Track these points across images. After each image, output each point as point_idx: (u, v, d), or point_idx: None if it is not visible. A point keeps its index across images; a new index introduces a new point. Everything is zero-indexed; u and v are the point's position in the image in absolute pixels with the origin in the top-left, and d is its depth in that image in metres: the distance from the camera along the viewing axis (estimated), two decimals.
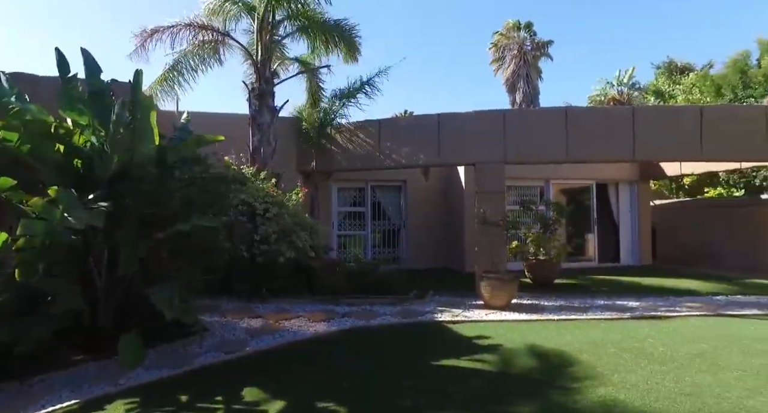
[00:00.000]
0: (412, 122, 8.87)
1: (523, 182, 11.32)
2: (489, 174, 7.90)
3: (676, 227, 12.57)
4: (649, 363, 3.99)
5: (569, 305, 6.76)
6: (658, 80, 20.67)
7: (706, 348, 4.42)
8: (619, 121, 8.01)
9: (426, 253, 11.52)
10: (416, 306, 6.65)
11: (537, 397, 3.31)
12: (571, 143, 7.87)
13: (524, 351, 4.42)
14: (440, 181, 11.96)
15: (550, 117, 8.24)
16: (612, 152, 8.10)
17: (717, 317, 5.97)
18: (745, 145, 8.01)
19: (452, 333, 5.29)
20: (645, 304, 6.77)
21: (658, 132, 7.92)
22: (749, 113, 8.57)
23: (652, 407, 3.06)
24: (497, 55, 28.81)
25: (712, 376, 3.64)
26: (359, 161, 8.99)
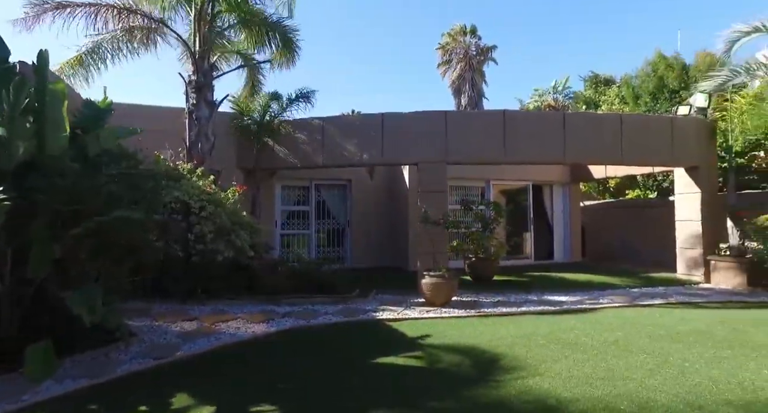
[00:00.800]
0: (356, 121, 8.87)
1: (465, 182, 11.69)
2: (431, 174, 8.08)
3: (602, 226, 13.55)
4: (573, 352, 4.26)
5: (505, 301, 7.07)
6: (587, 90, 22.13)
7: (620, 336, 4.80)
8: (552, 125, 8.50)
9: (371, 252, 11.58)
10: (358, 305, 6.67)
11: (469, 390, 3.42)
12: (508, 144, 8.24)
13: (460, 347, 4.56)
14: (385, 180, 12.07)
15: (490, 119, 8.58)
16: (546, 154, 8.58)
17: (631, 307, 6.51)
18: (656, 152, 8.80)
19: (393, 330, 5.35)
20: (573, 298, 7.21)
21: (586, 137, 8.50)
22: (659, 123, 9.42)
23: (571, 392, 3.26)
24: (444, 59, 29.55)
25: (623, 360, 3.96)
26: (303, 159, 8.87)
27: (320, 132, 8.69)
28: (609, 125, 8.76)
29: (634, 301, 6.97)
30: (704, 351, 4.24)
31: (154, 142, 7.07)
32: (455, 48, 28.89)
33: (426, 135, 8.22)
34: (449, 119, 8.29)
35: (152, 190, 4.38)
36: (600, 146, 8.58)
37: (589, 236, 13.56)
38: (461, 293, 7.34)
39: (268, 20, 8.78)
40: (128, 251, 3.94)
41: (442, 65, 29.49)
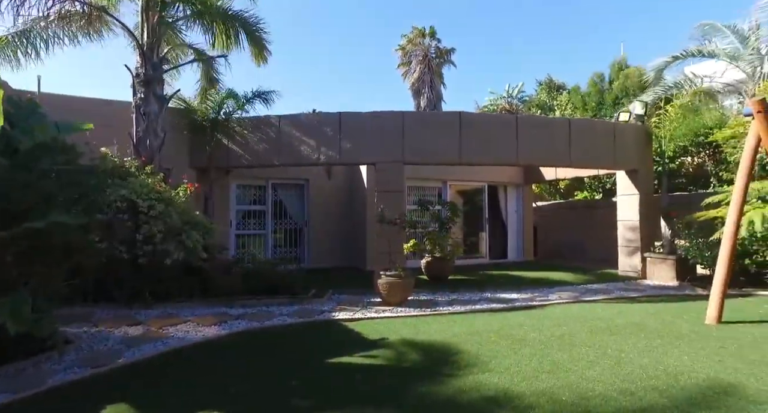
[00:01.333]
0: (313, 120, 8.79)
1: (422, 182, 11.87)
2: (389, 174, 8.15)
3: (553, 226, 14.18)
4: (522, 348, 4.43)
5: (460, 299, 7.23)
6: (541, 95, 23.07)
7: (565, 330, 5.05)
8: (506, 127, 8.80)
9: (329, 252, 11.52)
10: (315, 306, 6.61)
11: (423, 387, 3.49)
12: (464, 145, 8.45)
13: (415, 345, 4.64)
14: (343, 180, 12.03)
15: (446, 121, 8.75)
16: (499, 156, 8.86)
17: (577, 303, 6.84)
18: (601, 155, 9.32)
19: (349, 330, 5.35)
20: (524, 295, 7.48)
21: (537, 140, 8.86)
22: (603, 128, 9.99)
23: (519, 386, 3.40)
24: (404, 60, 29.84)
25: (567, 354, 4.17)
26: (259, 158, 8.69)
27: (277, 131, 8.55)
28: (558, 128, 9.18)
29: (579, 297, 7.34)
30: (638, 341, 4.54)
31: (99, 137, 6.70)
32: (414, 50, 29.25)
33: (384, 135, 8.28)
34: (406, 120, 8.40)
35: (94, 187, 4.13)
36: (550, 148, 8.98)
37: (541, 235, 14.13)
38: (418, 293, 7.44)
39: (227, 13, 8.48)
40: (65, 253, 3.71)
41: (401, 66, 29.77)
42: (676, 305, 6.58)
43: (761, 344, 4.44)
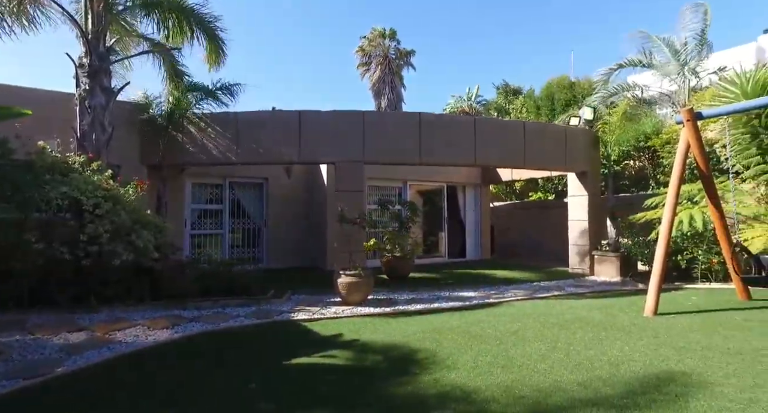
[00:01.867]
0: (273, 118, 8.63)
1: (383, 182, 11.94)
2: (349, 173, 8.14)
3: (509, 225, 14.67)
4: (478, 344, 4.56)
5: (419, 298, 7.32)
6: (498, 98, 23.78)
7: (519, 326, 5.25)
8: (465, 129, 9.01)
9: (289, 252, 11.35)
10: (273, 306, 6.50)
11: (382, 386, 3.51)
12: (424, 146, 8.57)
13: (374, 344, 4.66)
14: (303, 179, 11.90)
15: (406, 121, 8.85)
16: (458, 157, 9.06)
17: (531, 300, 7.11)
18: (553, 157, 9.74)
19: (308, 331, 5.30)
20: (481, 293, 7.69)
21: (494, 142, 9.13)
22: (555, 131, 10.46)
23: (475, 382, 3.50)
24: (364, 60, 29.86)
25: (521, 348, 4.34)
26: (216, 155, 8.42)
27: (235, 128, 8.32)
28: (514, 131, 9.51)
29: (533, 294, 7.63)
30: (585, 334, 4.79)
31: (39, 130, 6.26)
32: (375, 51, 29.36)
33: (344, 134, 8.26)
34: (367, 120, 8.42)
35: (29, 183, 3.85)
36: (506, 150, 9.28)
37: (498, 234, 14.58)
38: (377, 292, 7.48)
39: (181, 6, 8.11)
40: None
41: (361, 66, 29.79)
42: (619, 299, 6.98)
43: (688, 332, 4.81)
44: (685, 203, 8.07)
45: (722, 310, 5.83)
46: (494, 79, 39.63)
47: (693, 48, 10.56)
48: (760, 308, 5.89)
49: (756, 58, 14.17)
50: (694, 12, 10.41)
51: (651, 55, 11.15)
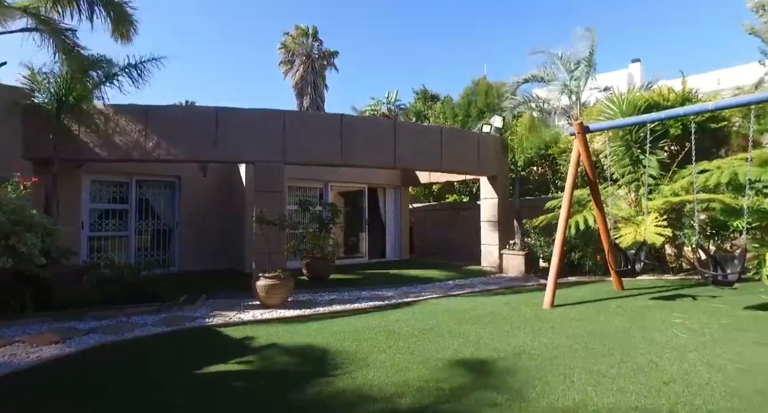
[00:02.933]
0: (187, 113, 8.14)
1: (304, 183, 11.82)
2: (269, 173, 7.95)
3: (427, 226, 15.29)
4: (396, 342, 4.74)
5: (340, 298, 7.39)
6: (417, 103, 24.64)
7: (435, 323, 5.54)
8: (385, 132, 9.23)
9: (204, 254, 10.77)
10: (186, 312, 6.15)
11: (299, 389, 3.52)
12: (345, 147, 8.64)
13: (294, 347, 4.64)
14: (220, 178, 11.37)
15: (328, 122, 8.85)
16: (379, 159, 9.26)
17: (446, 298, 7.52)
18: (467, 161, 10.37)
19: (224, 336, 5.11)
20: (400, 292, 7.93)
21: (413, 145, 9.47)
22: (469, 137, 11.16)
23: (391, 378, 3.65)
24: (287, 58, 29.20)
25: (436, 344, 4.60)
26: (121, 151, 7.70)
27: (145, 121, 7.69)
28: (432, 135, 9.96)
29: (448, 292, 8.05)
30: (493, 328, 5.21)
31: None
32: (298, 49, 28.86)
33: (264, 134, 8.05)
34: (288, 120, 8.29)
35: None
36: (425, 153, 9.68)
37: (417, 235, 15.12)
38: (298, 293, 7.42)
39: None
40: None
41: (283, 64, 29.12)
42: (524, 294, 7.63)
43: (576, 321, 5.42)
44: (577, 207, 9.08)
45: (602, 300, 6.66)
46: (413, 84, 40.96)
47: (583, 68, 11.88)
48: (628, 297, 6.82)
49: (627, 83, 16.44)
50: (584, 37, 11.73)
51: (550, 71, 12.33)
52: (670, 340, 4.39)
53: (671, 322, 5.10)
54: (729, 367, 3.62)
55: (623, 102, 8.80)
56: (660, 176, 8.87)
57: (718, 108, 6.55)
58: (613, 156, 9.35)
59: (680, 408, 2.93)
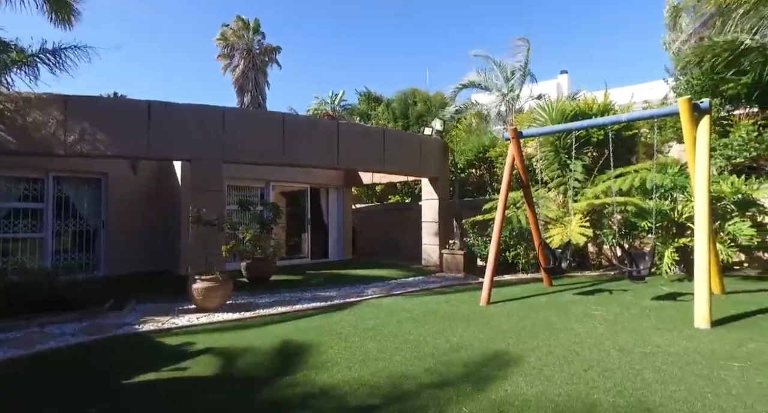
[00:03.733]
0: (115, 106, 7.56)
1: (244, 182, 11.46)
2: (207, 171, 7.64)
3: (370, 226, 15.40)
4: (338, 342, 4.75)
5: (282, 300, 7.27)
6: (361, 105, 24.75)
7: (377, 323, 5.62)
8: (327, 132, 9.19)
9: (135, 257, 10.10)
10: (112, 319, 5.75)
11: (239, 395, 3.44)
12: (287, 147, 8.50)
13: (231, 351, 4.50)
14: (153, 176, 10.74)
15: (270, 121, 8.66)
16: (321, 159, 9.20)
17: (388, 297, 7.64)
18: (409, 163, 10.60)
19: (156, 344, 4.85)
20: (342, 293, 7.94)
21: (356, 146, 9.51)
22: (411, 139, 11.43)
23: (333, 378, 3.67)
24: (226, 51, 28.04)
25: (378, 343, 4.67)
26: (34, 144, 7.01)
27: (64, 112, 7.05)
28: (375, 136, 10.06)
29: (390, 291, 8.17)
30: (433, 325, 5.38)
31: None
32: (238, 43, 27.82)
33: (202, 130, 7.71)
34: (227, 117, 8.00)
35: None
36: (367, 154, 9.76)
37: (359, 235, 15.18)
38: (237, 296, 7.20)
39: None
40: None
41: (222, 58, 27.94)
42: (462, 292, 7.93)
43: (509, 317, 5.72)
44: (512, 208, 9.60)
45: (534, 296, 7.10)
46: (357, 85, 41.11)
47: (519, 77, 12.60)
48: (556, 292, 7.31)
49: (557, 92, 17.70)
50: (521, 46, 12.47)
51: (489, 78, 12.95)
52: (590, 330, 4.80)
53: (591, 314, 5.57)
54: (635, 351, 4.03)
55: (553, 110, 9.46)
56: (584, 180, 9.62)
57: (630, 120, 7.29)
58: (544, 161, 10.01)
59: (594, 392, 3.23)
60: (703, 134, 5.50)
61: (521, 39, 12.99)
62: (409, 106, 18.14)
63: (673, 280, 7.70)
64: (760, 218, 7.97)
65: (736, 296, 6.37)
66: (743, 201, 7.84)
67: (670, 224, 8.16)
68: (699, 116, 5.64)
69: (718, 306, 5.09)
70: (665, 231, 8.14)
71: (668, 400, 3.05)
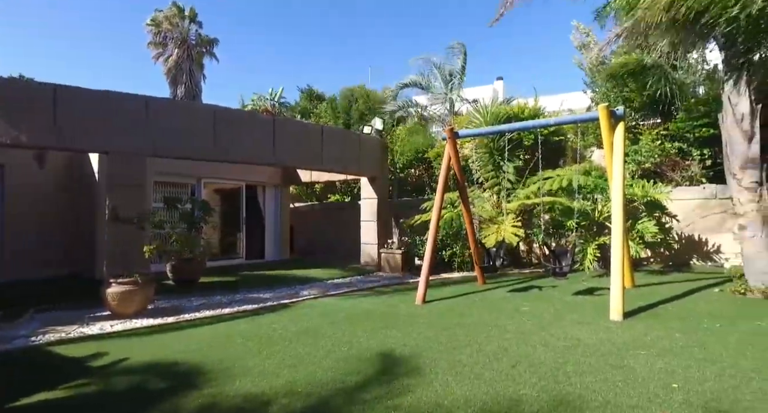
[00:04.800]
0: (13, 89, 6.68)
1: (173, 178, 10.73)
2: (127, 166, 7.03)
3: (309, 225, 15.08)
4: (268, 347, 4.52)
5: (210, 303, 6.88)
6: (303, 102, 24.21)
7: (310, 325, 5.44)
8: (264, 128, 8.82)
9: (39, 259, 9.06)
10: (4, 332, 5.07)
11: (150, 409, 3.13)
12: (219, 142, 8.03)
13: (149, 361, 4.12)
14: (64, 169, 9.71)
15: (201, 113, 8.13)
16: (256, 156, 8.81)
17: (324, 298, 7.47)
18: (348, 161, 10.48)
19: (57, 357, 4.33)
20: (277, 294, 7.67)
21: (293, 142, 9.23)
22: (350, 138, 11.32)
23: (258, 386, 3.45)
24: (158, 39, 26.20)
25: (309, 347, 4.49)
26: None
27: None
28: (313, 134, 9.82)
29: (327, 292, 8.01)
30: (367, 326, 5.28)
31: None
32: (172, 31, 26.10)
33: (121, 121, 7.07)
34: (152, 106, 7.41)
35: None
36: (305, 152, 9.50)
37: (298, 234, 14.82)
38: (162, 300, 6.71)
39: None
40: None
41: (154, 46, 26.09)
42: (399, 291, 7.91)
43: (444, 316, 5.76)
44: (449, 208, 9.80)
45: (468, 294, 7.25)
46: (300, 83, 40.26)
47: (457, 80, 12.93)
48: (489, 290, 7.53)
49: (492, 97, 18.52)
50: (458, 51, 12.80)
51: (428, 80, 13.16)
52: (519, 327, 4.96)
53: (520, 311, 5.77)
54: (559, 345, 4.21)
55: (488, 113, 9.80)
56: (516, 181, 10.04)
57: (557, 123, 7.73)
58: (479, 162, 10.33)
59: (521, 387, 3.30)
60: (618, 139, 5.90)
61: (458, 43, 13.35)
62: (351, 104, 17.99)
63: (594, 276, 8.23)
64: (664, 218, 8.76)
65: (644, 289, 6.93)
66: (651, 203, 8.57)
67: (591, 223, 8.72)
68: (615, 123, 6.04)
69: (630, 299, 5.48)
70: (587, 230, 8.69)
71: (586, 391, 3.18)
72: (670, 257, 9.24)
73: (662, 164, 9.76)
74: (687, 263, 9.07)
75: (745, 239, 6.25)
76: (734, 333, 4.38)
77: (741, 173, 6.28)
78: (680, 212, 8.89)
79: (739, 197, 6.29)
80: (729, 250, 8.76)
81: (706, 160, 9.68)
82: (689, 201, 9.07)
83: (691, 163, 9.77)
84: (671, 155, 9.76)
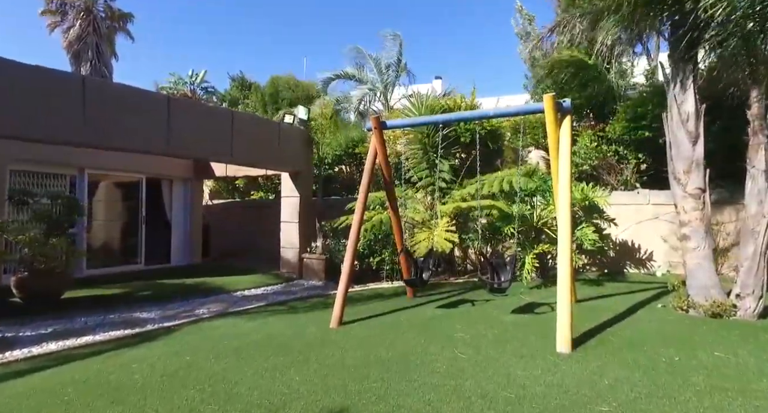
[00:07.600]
0: None
1: (42, 168, 8.68)
2: None
3: (228, 224, 13.38)
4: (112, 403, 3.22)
5: (65, 330, 5.39)
6: (233, 90, 22.15)
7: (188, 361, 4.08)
8: (155, 109, 7.19)
9: None
10: None
11: None
12: (91, 122, 6.32)
13: None
14: None
15: (62, 82, 6.24)
16: (143, 142, 7.16)
17: (224, 316, 6.15)
18: (265, 153, 9.08)
19: None
20: (167, 313, 6.32)
21: (194, 128, 7.67)
22: (268, 126, 9.97)
23: None
24: (54, 7, 22.70)
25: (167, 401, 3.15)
26: None
27: None
28: (221, 118, 8.33)
29: (230, 307, 6.73)
30: (261, 363, 4.03)
31: None
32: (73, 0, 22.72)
33: None
34: None
35: None
36: (210, 140, 7.98)
37: (215, 234, 13.10)
38: None
39: None
40: None
41: (49, 14, 22.57)
42: (315, 308, 6.67)
43: (362, 344, 4.63)
44: (378, 209, 8.75)
45: (393, 312, 6.06)
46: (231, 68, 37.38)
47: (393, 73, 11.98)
48: (418, 306, 6.47)
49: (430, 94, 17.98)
50: (393, 41, 11.84)
51: (362, 71, 12.08)
52: (451, 364, 3.94)
53: (454, 337, 4.78)
54: (500, 397, 3.22)
55: (422, 106, 8.91)
56: (452, 181, 9.22)
57: (497, 115, 6.98)
58: (413, 159, 9.42)
59: None
60: (565, 135, 5.16)
61: (394, 34, 12.43)
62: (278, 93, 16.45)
63: (532, 287, 7.54)
64: (603, 224, 8.34)
65: (587, 305, 6.26)
66: (589, 207, 8.10)
67: (529, 229, 8.08)
68: (562, 117, 5.31)
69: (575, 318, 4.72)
70: (525, 236, 8.04)
71: None
72: (605, 264, 8.88)
73: (599, 167, 9.42)
74: (621, 271, 8.74)
75: (688, 251, 5.79)
76: (698, 370, 3.69)
77: (685, 177, 5.82)
78: (616, 218, 8.53)
79: (684, 204, 5.83)
80: (660, 258, 8.55)
81: (641, 164, 9.46)
82: (625, 206, 8.75)
83: (624, 166, 9.52)
84: (608, 158, 9.43)
